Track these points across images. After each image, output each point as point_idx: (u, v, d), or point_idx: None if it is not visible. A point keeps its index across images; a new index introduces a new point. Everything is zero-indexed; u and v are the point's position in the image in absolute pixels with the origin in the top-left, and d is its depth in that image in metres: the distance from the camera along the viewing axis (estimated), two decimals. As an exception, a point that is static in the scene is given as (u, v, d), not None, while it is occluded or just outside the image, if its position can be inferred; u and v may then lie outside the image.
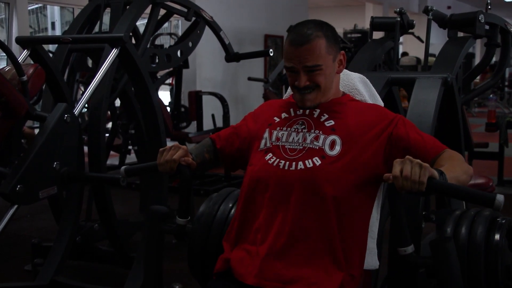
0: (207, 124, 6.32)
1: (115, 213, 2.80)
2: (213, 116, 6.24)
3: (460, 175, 1.50)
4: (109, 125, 5.28)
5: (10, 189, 2.07)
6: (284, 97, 1.95)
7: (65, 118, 2.28)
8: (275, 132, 1.69)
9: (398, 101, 2.53)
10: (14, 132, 2.87)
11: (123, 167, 1.75)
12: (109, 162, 5.39)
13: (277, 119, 1.74)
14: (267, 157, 1.65)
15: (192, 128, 6.39)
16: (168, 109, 6.07)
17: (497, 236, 1.60)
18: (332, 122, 1.66)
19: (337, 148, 1.61)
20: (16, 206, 2.20)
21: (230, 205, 1.87)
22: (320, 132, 1.64)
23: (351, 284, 1.55)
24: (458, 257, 1.58)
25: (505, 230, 1.63)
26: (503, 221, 1.65)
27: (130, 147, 5.58)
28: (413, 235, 1.87)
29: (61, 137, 2.27)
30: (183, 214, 1.68)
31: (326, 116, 1.68)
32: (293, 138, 1.65)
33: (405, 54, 12.72)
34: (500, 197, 1.34)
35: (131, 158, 5.94)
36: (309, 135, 1.65)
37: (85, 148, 2.71)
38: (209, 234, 1.81)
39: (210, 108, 6.51)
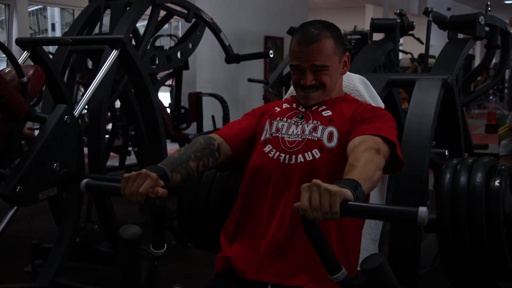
0: (207, 125, 6.33)
1: (115, 215, 2.80)
2: (213, 117, 6.24)
3: (373, 174, 1.38)
4: (109, 126, 5.28)
5: (10, 190, 2.07)
6: (284, 99, 1.95)
7: (65, 119, 2.28)
8: (275, 123, 1.70)
9: (398, 102, 2.53)
10: (14, 133, 2.87)
11: (84, 180, 1.56)
12: (109, 163, 5.39)
13: (277, 109, 1.75)
14: (266, 149, 1.64)
15: (192, 129, 6.40)
16: (168, 110, 6.07)
17: (497, 182, 1.56)
18: (329, 112, 1.67)
19: (335, 140, 1.61)
20: (16, 207, 2.20)
21: None
22: (318, 123, 1.65)
23: None
24: (458, 206, 1.55)
25: (505, 176, 1.58)
26: (503, 167, 1.61)
27: (130, 148, 5.58)
28: (413, 238, 1.87)
29: (61, 139, 2.26)
30: (158, 246, 1.52)
31: (324, 107, 1.69)
32: (293, 131, 1.66)
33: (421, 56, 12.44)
34: (422, 211, 1.19)
35: (131, 159, 5.94)
36: (307, 126, 1.65)
37: (85, 149, 2.71)
38: (198, 189, 1.83)
39: (210, 109, 6.52)
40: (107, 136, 4.94)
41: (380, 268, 1.23)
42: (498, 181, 1.55)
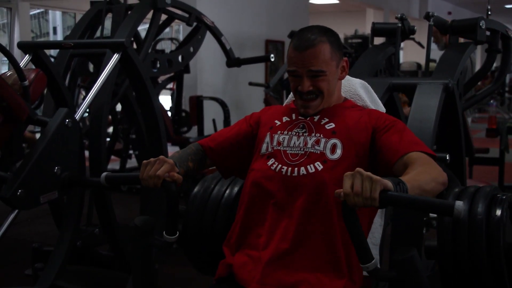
0: (208, 129, 6.32)
1: (116, 218, 2.80)
2: (214, 121, 6.24)
3: (426, 183, 1.39)
4: (110, 129, 5.28)
5: (11, 194, 2.07)
6: (285, 103, 1.95)
7: (66, 123, 2.28)
8: (276, 136, 1.69)
9: (399, 106, 2.54)
10: (15, 137, 2.87)
11: (104, 173, 1.62)
12: (110, 166, 5.39)
13: (278, 122, 1.73)
14: (269, 162, 1.64)
15: (193, 133, 6.39)
16: (169, 113, 6.07)
17: (498, 212, 1.56)
18: (332, 125, 1.66)
19: (338, 151, 1.60)
20: (16, 211, 2.20)
21: (225, 186, 1.88)
22: (321, 136, 1.64)
23: None
24: (459, 234, 1.56)
25: (506, 206, 1.59)
26: (504, 197, 1.61)
27: (131, 151, 5.58)
28: (414, 241, 1.87)
29: (62, 142, 2.27)
30: (171, 231, 1.56)
31: (327, 119, 1.68)
32: (294, 143, 1.65)
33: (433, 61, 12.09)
34: (459, 205, 1.22)
35: (132, 162, 5.94)
36: (310, 139, 1.64)
37: (86, 153, 2.71)
38: (203, 214, 1.83)
39: (211, 113, 6.52)
40: (108, 139, 4.95)
41: (411, 259, 1.27)
42: (499, 211, 1.56)
